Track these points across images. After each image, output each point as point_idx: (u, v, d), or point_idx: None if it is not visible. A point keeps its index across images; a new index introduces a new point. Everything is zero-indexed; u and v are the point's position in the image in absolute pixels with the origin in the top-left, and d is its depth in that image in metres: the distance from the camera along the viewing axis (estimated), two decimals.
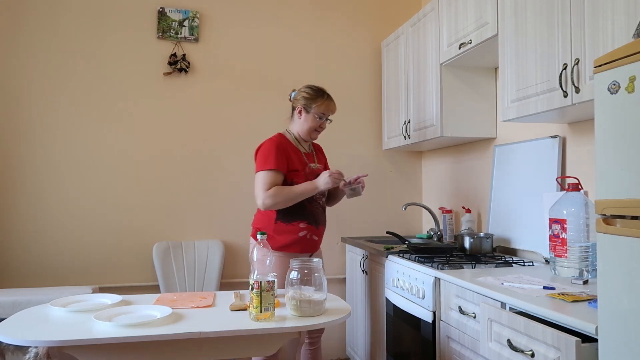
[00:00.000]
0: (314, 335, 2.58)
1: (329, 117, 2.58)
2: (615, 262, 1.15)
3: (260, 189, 2.39)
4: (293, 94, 2.62)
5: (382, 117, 3.65)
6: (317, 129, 2.54)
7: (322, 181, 2.40)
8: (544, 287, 1.69)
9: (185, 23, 3.33)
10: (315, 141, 2.70)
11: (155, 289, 3.19)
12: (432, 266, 2.18)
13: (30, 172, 3.13)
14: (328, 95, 2.55)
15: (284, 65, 3.52)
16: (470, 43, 2.45)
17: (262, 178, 2.40)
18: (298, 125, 2.55)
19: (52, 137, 3.16)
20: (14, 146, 3.11)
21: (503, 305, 1.65)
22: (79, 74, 3.20)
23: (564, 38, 1.82)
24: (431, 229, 3.18)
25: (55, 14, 3.17)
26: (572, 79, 1.77)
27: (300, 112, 2.54)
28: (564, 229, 1.90)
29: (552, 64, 1.87)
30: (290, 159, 2.46)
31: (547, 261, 2.26)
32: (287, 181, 2.45)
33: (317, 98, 2.52)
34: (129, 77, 3.27)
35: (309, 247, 2.51)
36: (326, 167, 2.70)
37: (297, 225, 2.46)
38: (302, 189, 2.40)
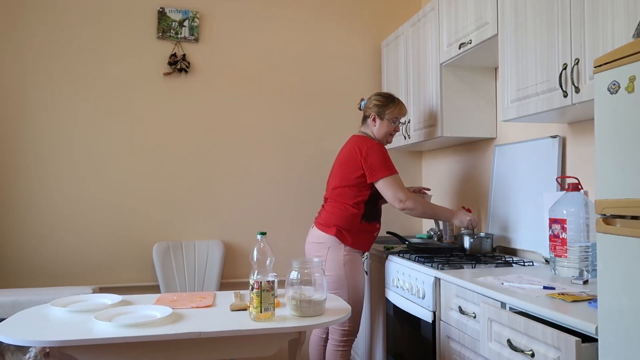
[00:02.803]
0: (345, 338, 2.55)
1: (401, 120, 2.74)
2: (615, 262, 1.15)
3: (400, 191, 2.49)
4: (363, 103, 2.75)
5: None
6: (391, 133, 2.68)
7: (459, 218, 2.55)
8: (544, 287, 1.69)
9: (185, 23, 3.33)
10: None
11: (155, 289, 3.19)
12: (432, 266, 2.18)
13: (30, 172, 3.13)
14: (399, 100, 2.68)
15: (283, 65, 3.52)
16: (470, 43, 2.45)
17: (393, 181, 2.50)
18: (375, 131, 2.67)
19: (52, 137, 3.16)
20: (13, 146, 3.11)
21: (503, 305, 1.65)
22: (79, 74, 3.20)
23: (564, 38, 1.82)
24: (431, 229, 3.18)
25: (55, 14, 3.17)
26: (572, 79, 1.77)
27: (374, 120, 2.66)
28: (564, 229, 1.90)
29: (552, 64, 1.87)
30: None
31: (547, 261, 2.26)
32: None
33: (390, 104, 2.64)
34: (128, 77, 3.27)
35: (372, 244, 2.68)
36: None
37: (375, 225, 2.62)
38: (442, 213, 2.60)
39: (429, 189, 2.81)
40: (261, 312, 1.74)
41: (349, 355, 2.59)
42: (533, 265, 2.23)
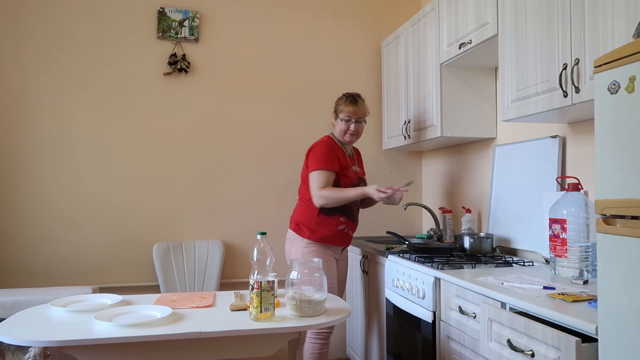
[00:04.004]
0: (325, 331, 2.63)
1: (360, 120, 2.70)
2: (615, 262, 1.15)
3: (315, 188, 2.59)
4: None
5: (382, 117, 3.65)
6: (347, 132, 2.70)
7: (371, 192, 2.53)
8: (544, 287, 1.69)
9: (185, 23, 3.33)
10: (354, 145, 2.90)
11: (155, 289, 3.19)
12: (432, 266, 2.18)
13: (30, 172, 3.13)
14: (352, 99, 2.69)
15: (283, 65, 3.52)
16: (470, 43, 2.45)
17: (316, 177, 2.60)
18: (335, 130, 2.75)
19: (52, 137, 3.16)
20: (13, 146, 3.11)
21: (503, 305, 1.65)
22: (79, 74, 3.20)
23: (564, 38, 1.82)
24: (431, 229, 3.18)
25: (55, 14, 3.17)
26: (572, 79, 1.77)
27: (335, 118, 2.75)
28: (564, 229, 1.90)
29: (552, 64, 1.87)
30: (340, 160, 2.66)
31: (547, 261, 2.26)
32: (336, 181, 2.64)
33: (341, 103, 2.72)
34: (128, 77, 3.27)
35: (345, 240, 2.72)
36: (364, 171, 2.92)
37: (338, 218, 2.66)
38: (352, 194, 2.58)
39: (406, 189, 2.58)
40: (261, 312, 1.74)
41: (326, 348, 2.64)
42: (533, 265, 2.23)
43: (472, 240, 2.53)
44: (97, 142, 3.22)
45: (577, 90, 1.74)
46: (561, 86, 1.81)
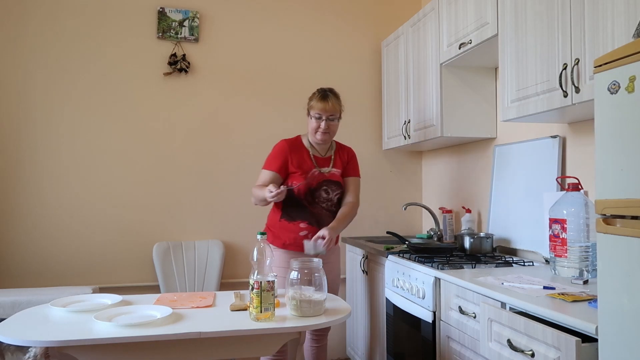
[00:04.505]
0: (319, 333, 2.59)
1: (332, 118, 2.51)
2: (615, 262, 1.15)
3: (254, 186, 2.54)
4: None
5: (382, 117, 3.65)
6: (318, 130, 2.52)
7: (266, 193, 2.35)
8: (544, 287, 1.69)
9: (185, 23, 3.33)
10: (341, 144, 2.70)
11: (155, 289, 3.19)
12: (432, 266, 2.18)
13: (30, 172, 3.13)
14: (323, 95, 2.51)
15: (283, 65, 3.52)
16: (470, 43, 2.45)
17: (260, 175, 2.56)
18: (308, 127, 2.59)
19: (52, 137, 3.16)
20: (14, 146, 3.11)
21: (503, 305, 1.65)
22: (79, 74, 3.20)
23: (564, 38, 1.82)
24: (431, 229, 3.18)
25: (56, 14, 3.17)
26: (572, 79, 1.77)
27: (308, 115, 2.59)
28: (564, 229, 1.90)
29: (552, 64, 1.87)
30: (290, 161, 2.53)
31: (547, 261, 2.26)
32: (287, 182, 2.53)
33: (313, 98, 2.54)
34: (129, 77, 3.27)
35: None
36: (345, 172, 2.65)
37: (298, 224, 2.52)
38: (261, 194, 2.41)
39: (326, 237, 2.39)
40: (261, 312, 1.74)
41: (321, 347, 2.61)
42: (533, 265, 2.23)
43: (472, 240, 2.53)
44: (97, 142, 3.22)
45: (577, 90, 1.74)
46: (561, 86, 1.81)
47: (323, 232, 2.37)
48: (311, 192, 2.53)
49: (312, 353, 2.61)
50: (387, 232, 2.91)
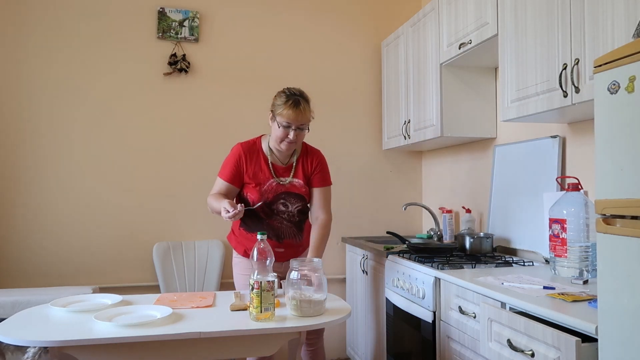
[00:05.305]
0: (312, 336, 2.51)
1: (302, 127, 2.26)
2: (615, 262, 1.15)
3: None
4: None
5: (382, 117, 3.65)
6: (284, 140, 2.25)
7: (221, 209, 2.14)
8: (544, 287, 1.69)
9: (185, 23, 3.33)
10: (308, 147, 2.46)
11: (155, 289, 3.19)
12: (432, 266, 2.18)
13: (30, 172, 3.13)
14: (295, 102, 2.21)
15: (283, 65, 3.52)
16: (470, 43, 2.45)
17: (215, 182, 2.39)
18: (271, 133, 2.32)
19: (52, 137, 3.16)
20: (14, 146, 3.11)
21: (503, 305, 1.65)
22: (79, 74, 3.20)
23: (564, 38, 1.82)
24: (431, 229, 3.18)
25: (56, 14, 3.17)
26: (572, 79, 1.77)
27: (271, 119, 2.30)
28: (564, 229, 1.90)
29: (552, 64, 1.87)
30: (245, 172, 2.33)
31: (547, 261, 2.26)
32: (242, 193, 2.37)
33: (282, 104, 2.22)
34: (129, 77, 3.27)
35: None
36: (311, 182, 2.42)
37: (255, 236, 2.19)
38: (215, 206, 2.25)
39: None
40: (261, 312, 1.74)
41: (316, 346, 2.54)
42: (533, 265, 2.23)
43: (472, 240, 2.53)
44: (97, 142, 3.22)
45: (577, 90, 1.74)
46: (561, 86, 1.81)
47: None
48: (268, 205, 2.33)
49: (309, 358, 2.55)
50: (387, 232, 2.91)
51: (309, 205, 2.45)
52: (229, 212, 2.09)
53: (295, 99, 2.22)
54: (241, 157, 2.34)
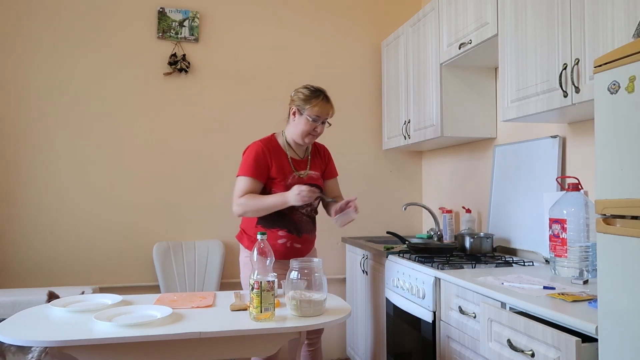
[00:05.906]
0: (313, 336, 2.54)
1: (327, 121, 2.42)
2: (615, 262, 1.15)
3: (235, 195, 2.35)
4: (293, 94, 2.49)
5: (382, 117, 3.65)
6: (311, 133, 2.38)
7: (292, 197, 2.24)
8: (544, 287, 1.69)
9: (185, 23, 3.33)
10: (320, 142, 2.60)
11: (155, 289, 3.19)
12: (432, 266, 2.18)
13: (30, 172, 3.13)
14: (325, 97, 2.38)
15: (284, 65, 3.52)
16: (470, 43, 2.45)
17: (238, 184, 2.36)
18: (292, 128, 2.41)
19: (52, 137, 3.16)
20: (14, 146, 3.11)
21: (503, 305, 1.65)
22: (79, 73, 3.20)
23: (564, 38, 1.82)
24: (431, 229, 3.18)
25: (56, 13, 3.17)
26: (572, 79, 1.77)
27: (294, 114, 2.39)
28: (564, 229, 1.90)
29: (552, 64, 1.87)
30: (270, 167, 2.37)
31: (547, 261, 2.26)
32: (266, 189, 2.38)
33: (312, 99, 2.35)
34: (129, 77, 3.27)
35: (289, 254, 2.36)
36: (326, 174, 2.58)
37: (277, 232, 2.38)
38: (271, 202, 2.30)
39: (355, 198, 2.41)
40: (261, 312, 1.74)
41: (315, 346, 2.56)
42: (533, 265, 2.23)
43: (472, 240, 2.53)
44: (97, 142, 3.22)
45: (577, 90, 1.74)
46: (561, 86, 1.81)
47: (347, 199, 2.36)
48: None
49: (309, 358, 2.57)
50: (387, 232, 2.91)
51: (324, 197, 2.47)
52: (302, 190, 2.19)
53: (324, 94, 2.39)
54: (265, 153, 2.38)
